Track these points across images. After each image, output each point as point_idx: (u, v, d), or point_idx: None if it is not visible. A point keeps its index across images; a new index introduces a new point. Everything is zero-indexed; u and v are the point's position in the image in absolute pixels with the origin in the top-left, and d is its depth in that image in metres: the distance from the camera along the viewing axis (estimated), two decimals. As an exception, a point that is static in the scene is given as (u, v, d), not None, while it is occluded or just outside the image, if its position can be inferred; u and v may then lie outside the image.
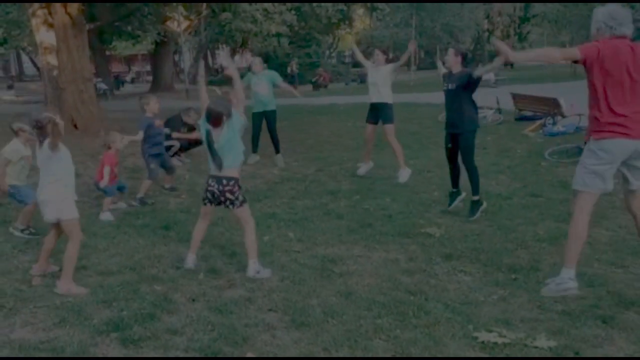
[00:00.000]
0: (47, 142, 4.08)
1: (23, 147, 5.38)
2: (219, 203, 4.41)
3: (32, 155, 5.19)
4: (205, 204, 4.50)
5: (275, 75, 9.14)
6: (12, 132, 5.40)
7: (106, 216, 5.98)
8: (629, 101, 3.70)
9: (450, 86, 5.80)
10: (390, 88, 7.63)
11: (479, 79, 5.64)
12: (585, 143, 3.92)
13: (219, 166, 4.31)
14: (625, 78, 3.67)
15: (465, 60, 5.82)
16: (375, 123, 7.78)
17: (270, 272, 4.40)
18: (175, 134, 8.98)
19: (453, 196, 6.14)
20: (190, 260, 4.55)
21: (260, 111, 8.85)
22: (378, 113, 7.68)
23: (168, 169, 7.18)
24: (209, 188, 4.38)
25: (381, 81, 7.54)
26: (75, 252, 4.20)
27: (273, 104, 8.88)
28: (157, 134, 6.84)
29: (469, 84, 5.63)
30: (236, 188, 4.35)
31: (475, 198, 5.89)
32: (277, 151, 9.00)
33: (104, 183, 6.14)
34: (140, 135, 6.59)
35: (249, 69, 9.24)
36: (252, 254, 4.42)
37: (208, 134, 4.31)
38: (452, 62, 5.83)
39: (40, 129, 4.11)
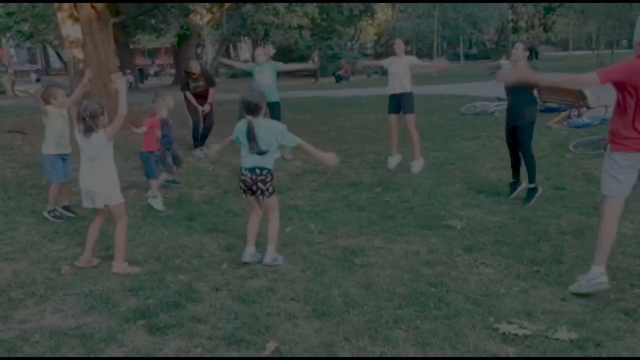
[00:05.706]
0: (101, 131, 4.23)
1: None
2: (253, 192, 4.44)
3: None
4: (243, 194, 4.56)
5: (278, 64, 8.95)
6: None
7: (156, 203, 5.89)
8: None
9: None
10: (410, 78, 7.61)
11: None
12: (605, 149, 3.91)
13: (258, 153, 4.31)
14: None
15: (531, 54, 5.94)
16: (398, 112, 7.76)
17: (284, 259, 4.48)
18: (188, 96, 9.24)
19: (513, 186, 6.35)
20: (248, 254, 4.51)
21: None
22: (400, 103, 7.66)
23: (176, 162, 7.32)
24: (242, 177, 4.43)
25: (403, 71, 7.53)
26: (125, 232, 4.39)
27: (276, 96, 8.46)
28: (168, 130, 6.96)
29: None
30: (269, 178, 4.39)
31: (532, 186, 6.10)
32: None
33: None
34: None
35: (253, 59, 9.18)
36: (272, 242, 4.49)
37: (249, 124, 4.29)
38: (520, 57, 5.89)
39: (93, 118, 4.23)
